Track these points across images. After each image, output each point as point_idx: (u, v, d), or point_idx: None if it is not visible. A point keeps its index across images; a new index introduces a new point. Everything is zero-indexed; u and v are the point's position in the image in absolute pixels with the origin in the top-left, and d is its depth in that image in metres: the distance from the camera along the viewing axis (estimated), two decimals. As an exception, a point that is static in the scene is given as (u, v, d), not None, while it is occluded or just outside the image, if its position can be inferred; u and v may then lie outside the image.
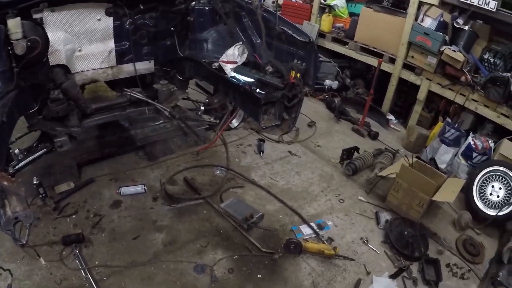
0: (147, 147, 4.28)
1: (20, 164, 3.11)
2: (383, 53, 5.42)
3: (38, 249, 2.99)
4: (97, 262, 2.99)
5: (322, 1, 6.39)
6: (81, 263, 2.91)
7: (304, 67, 2.88)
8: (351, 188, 4.07)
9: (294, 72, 2.86)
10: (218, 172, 4.05)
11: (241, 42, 3.20)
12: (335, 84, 6.09)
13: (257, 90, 2.91)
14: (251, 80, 2.99)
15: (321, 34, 6.40)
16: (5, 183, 2.01)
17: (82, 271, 2.89)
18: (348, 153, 4.27)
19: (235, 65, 3.12)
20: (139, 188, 3.71)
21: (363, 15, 5.69)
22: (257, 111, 2.97)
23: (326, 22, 6.36)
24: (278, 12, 3.16)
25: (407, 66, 5.23)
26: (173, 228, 3.34)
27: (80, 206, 3.58)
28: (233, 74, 3.08)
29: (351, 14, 6.39)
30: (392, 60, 5.35)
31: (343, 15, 6.43)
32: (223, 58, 3.14)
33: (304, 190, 3.90)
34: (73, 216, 3.48)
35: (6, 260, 2.93)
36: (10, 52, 2.72)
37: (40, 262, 2.75)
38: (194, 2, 3.33)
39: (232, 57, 3.15)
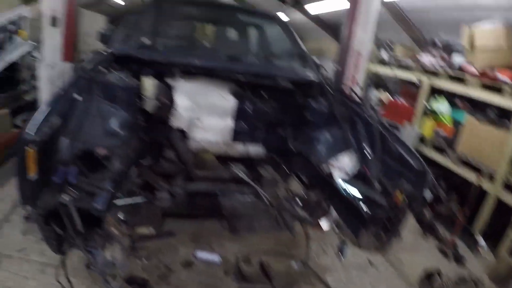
0: (232, 219, 4.12)
1: (119, 203, 3.22)
2: (482, 168, 4.87)
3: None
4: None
5: (426, 104, 6.09)
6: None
7: (412, 191, 2.69)
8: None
9: (401, 194, 2.68)
10: (294, 264, 3.87)
11: (353, 150, 3.12)
12: (428, 195, 5.56)
13: (362, 205, 2.76)
14: (357, 191, 2.86)
15: (421, 139, 6.08)
16: (114, 230, 2.25)
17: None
18: (428, 275, 3.88)
19: (343, 173, 3.03)
20: (215, 258, 3.70)
21: (467, 125, 5.26)
22: (358, 226, 2.83)
23: (427, 127, 5.98)
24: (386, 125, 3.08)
25: (508, 187, 4.56)
26: (235, 307, 3.11)
27: (154, 253, 3.64)
28: (340, 181, 2.97)
29: (454, 122, 5.94)
30: (491, 177, 4.73)
31: (446, 122, 5.98)
32: (333, 162, 3.09)
33: (375, 306, 3.46)
34: (145, 260, 3.55)
35: (71, 274, 2.97)
36: (140, 106, 3.01)
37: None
38: (312, 101, 3.37)
39: (342, 164, 3.09)
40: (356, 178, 2.95)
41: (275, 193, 3.62)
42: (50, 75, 4.07)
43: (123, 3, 14.89)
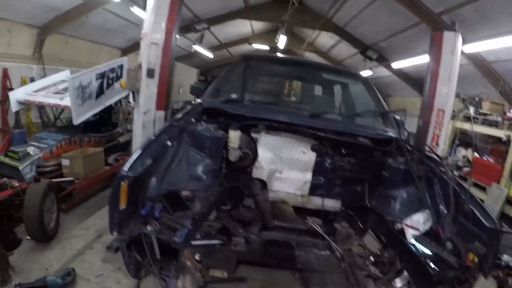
0: (305, 272, 4.29)
1: (196, 243, 3.38)
2: None
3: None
4: None
5: None
6: None
7: (483, 252, 2.57)
8: None
9: (472, 255, 2.57)
10: None
11: (428, 210, 3.03)
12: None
13: (431, 265, 2.66)
14: (428, 251, 2.78)
15: (509, 201, 5.71)
16: (188, 263, 2.46)
17: None
18: None
19: (417, 232, 2.95)
20: None
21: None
22: (425, 285, 2.72)
23: None
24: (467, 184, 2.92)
25: None
26: None
27: None
28: (413, 241, 2.89)
29: None
30: None
31: None
32: (407, 221, 3.01)
33: None
34: None
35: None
36: (224, 155, 3.19)
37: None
38: (390, 158, 3.36)
39: (416, 223, 2.99)
40: (429, 237, 2.87)
41: (348, 248, 3.60)
42: (144, 121, 4.40)
43: (211, 56, 15.92)
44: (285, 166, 3.50)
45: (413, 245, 2.86)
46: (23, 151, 5.04)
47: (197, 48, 12.86)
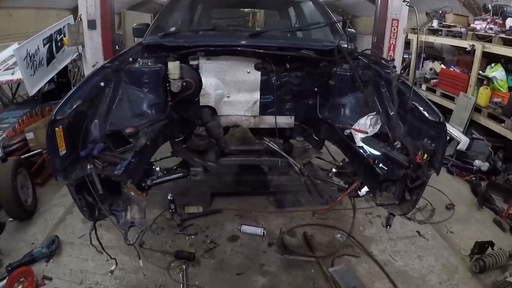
0: (278, 194, 4.47)
1: (157, 180, 3.55)
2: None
3: (152, 253, 3.51)
4: (197, 282, 3.21)
5: (481, 72, 5.84)
6: (183, 278, 3.19)
7: (432, 148, 2.57)
8: (473, 287, 3.36)
9: (421, 152, 2.57)
10: (338, 235, 3.91)
11: (375, 113, 3.08)
12: (485, 166, 5.35)
13: (380, 165, 2.67)
14: (377, 153, 2.78)
15: (477, 109, 5.81)
16: (132, 193, 2.39)
17: (181, 285, 3.15)
18: (480, 247, 3.61)
19: (365, 135, 2.98)
20: (259, 230, 3.84)
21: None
22: (375, 186, 2.73)
23: (483, 96, 5.72)
24: (421, 85, 2.99)
25: None
26: (277, 277, 3.31)
27: (201, 230, 3.93)
28: (361, 144, 2.92)
29: (510, 89, 5.68)
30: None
31: (502, 89, 5.72)
32: (355, 126, 3.06)
33: (421, 277, 3.42)
34: (192, 236, 3.84)
35: (123, 253, 3.44)
36: (168, 88, 3.18)
37: (139, 263, 3.18)
38: (336, 68, 3.32)
39: (364, 127, 3.04)
40: (379, 140, 2.88)
41: (308, 162, 3.65)
42: (94, 74, 4.33)
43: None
44: (232, 89, 3.50)
45: (362, 147, 2.90)
46: None
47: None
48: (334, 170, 3.75)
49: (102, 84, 2.82)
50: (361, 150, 2.85)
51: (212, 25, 4.56)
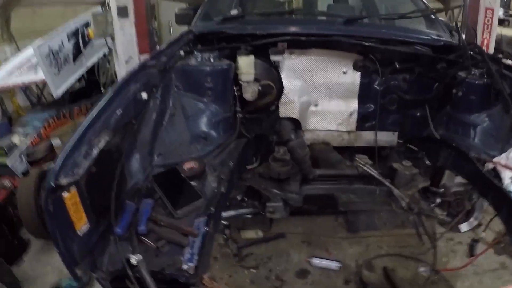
0: (350, 215, 3.43)
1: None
2: None
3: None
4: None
5: None
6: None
7: None
8: None
9: None
10: (422, 269, 2.95)
11: None
12: None
13: None
14: None
15: None
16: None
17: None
18: None
19: None
20: (333, 265, 2.93)
21: None
22: None
23: None
24: None
25: None
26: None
27: (262, 261, 3.03)
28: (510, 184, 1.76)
29: None
30: None
31: None
32: (501, 159, 1.86)
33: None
34: (253, 270, 2.94)
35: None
36: (237, 94, 2.06)
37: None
38: (463, 72, 2.12)
39: None
40: None
41: (412, 194, 2.47)
42: (127, 71, 3.09)
43: None
44: (322, 95, 2.35)
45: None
46: (8, 144, 3.91)
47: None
48: (438, 200, 2.59)
49: (144, 95, 1.59)
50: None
51: (275, 6, 3.16)
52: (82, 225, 1.17)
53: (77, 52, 4.50)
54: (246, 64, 1.97)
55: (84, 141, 1.22)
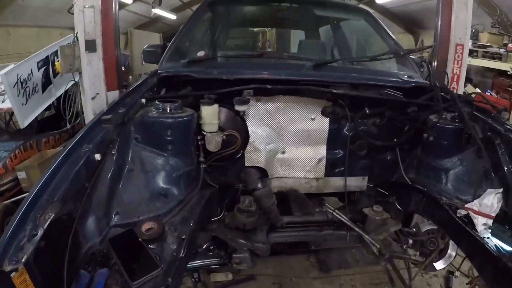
0: (321, 253, 3.32)
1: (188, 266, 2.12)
2: None
3: None
4: None
5: None
6: None
7: None
8: None
9: None
10: None
11: (501, 189, 1.79)
12: None
13: None
14: (508, 247, 1.60)
15: None
16: None
17: None
18: None
19: (490, 221, 1.73)
20: None
21: None
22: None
23: None
24: None
25: None
26: None
27: None
28: (487, 234, 1.69)
29: None
30: None
31: None
32: (474, 206, 1.81)
33: None
34: None
35: None
36: (200, 143, 1.93)
37: None
38: (434, 116, 2.08)
39: (489, 209, 1.76)
40: (500, 222, 1.70)
41: (384, 238, 2.38)
42: (94, 108, 2.97)
43: (174, 18, 13.60)
44: (289, 142, 2.26)
45: (489, 239, 1.67)
46: None
47: (157, 11, 10.32)
48: (410, 241, 2.49)
49: (97, 157, 1.44)
50: (487, 244, 1.63)
51: (245, 49, 3.12)
52: None
53: (46, 82, 4.31)
54: (210, 114, 1.87)
55: (28, 219, 1.10)
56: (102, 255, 1.37)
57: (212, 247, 2.28)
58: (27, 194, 1.21)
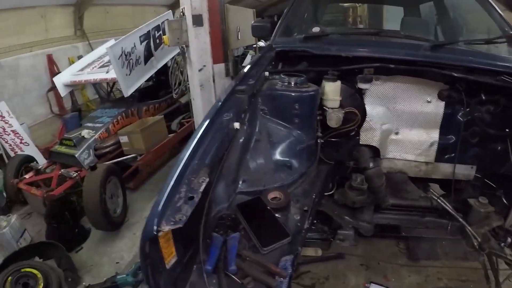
0: (411, 241, 3.09)
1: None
2: None
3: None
4: None
5: None
6: None
7: None
8: None
9: None
10: None
11: None
12: None
13: None
14: None
15: None
16: None
17: None
18: None
19: None
20: None
21: None
22: None
23: None
24: None
25: None
26: None
27: (319, 281, 2.91)
28: None
29: None
30: None
31: None
32: None
33: None
34: None
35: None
36: (319, 118, 1.93)
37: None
38: None
39: None
40: None
41: (484, 232, 2.26)
42: (200, 80, 3.13)
43: None
44: (403, 123, 2.19)
45: None
46: (77, 136, 4.07)
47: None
48: (509, 239, 2.30)
49: (237, 125, 1.51)
50: None
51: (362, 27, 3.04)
52: (170, 258, 1.13)
53: (148, 55, 4.59)
54: (333, 90, 1.87)
55: (182, 182, 1.15)
56: (231, 219, 1.44)
57: (315, 221, 2.34)
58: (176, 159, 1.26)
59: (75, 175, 3.65)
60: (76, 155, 3.83)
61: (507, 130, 2.12)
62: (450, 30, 3.09)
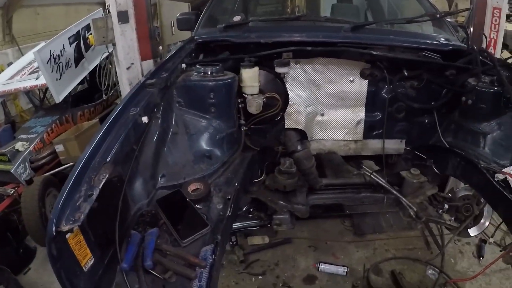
0: (356, 217, 3.35)
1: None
2: None
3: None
4: None
5: None
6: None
7: None
8: None
9: None
10: (429, 272, 2.89)
11: None
12: None
13: None
14: None
15: None
16: None
17: None
18: None
19: None
20: (340, 270, 2.87)
21: None
22: None
23: None
24: None
25: None
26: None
27: (269, 267, 2.95)
28: None
29: None
30: None
31: None
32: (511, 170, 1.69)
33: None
34: (260, 277, 2.85)
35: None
36: (240, 106, 1.94)
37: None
38: (473, 79, 1.99)
39: None
40: None
41: (420, 202, 2.38)
42: (129, 78, 2.98)
43: None
44: (328, 105, 2.23)
45: None
46: (11, 150, 3.77)
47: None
48: (446, 206, 2.46)
49: (145, 120, 1.47)
50: None
51: (271, 14, 3.05)
52: (87, 260, 1.08)
53: (79, 56, 4.37)
54: (250, 77, 1.86)
55: (83, 181, 1.12)
56: (150, 215, 1.40)
57: (251, 209, 2.34)
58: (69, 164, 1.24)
59: (12, 192, 3.41)
60: (11, 171, 3.52)
61: (432, 103, 2.20)
62: (380, 15, 3.18)
